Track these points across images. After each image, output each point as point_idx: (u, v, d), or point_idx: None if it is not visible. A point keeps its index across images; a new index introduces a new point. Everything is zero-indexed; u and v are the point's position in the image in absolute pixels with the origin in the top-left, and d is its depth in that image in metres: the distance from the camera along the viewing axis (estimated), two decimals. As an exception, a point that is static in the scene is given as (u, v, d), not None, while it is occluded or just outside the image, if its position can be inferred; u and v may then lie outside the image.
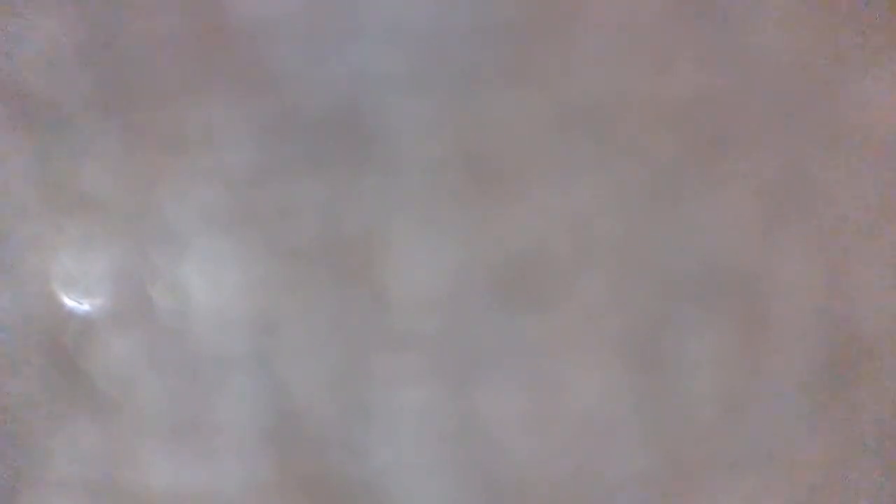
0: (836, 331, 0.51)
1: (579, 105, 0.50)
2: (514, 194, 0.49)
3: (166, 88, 0.49)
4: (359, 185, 0.49)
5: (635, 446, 0.50)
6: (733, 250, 0.50)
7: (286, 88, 0.49)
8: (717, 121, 0.50)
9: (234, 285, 0.49)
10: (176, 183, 0.49)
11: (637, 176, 0.50)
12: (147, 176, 0.49)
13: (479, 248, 0.50)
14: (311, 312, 0.49)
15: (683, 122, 0.50)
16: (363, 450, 0.49)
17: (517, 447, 0.50)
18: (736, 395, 0.50)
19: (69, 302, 0.49)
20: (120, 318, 0.49)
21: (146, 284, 0.49)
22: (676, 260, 0.50)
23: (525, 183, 0.49)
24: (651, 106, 0.50)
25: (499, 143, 0.49)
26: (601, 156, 0.50)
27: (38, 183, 0.49)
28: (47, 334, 0.49)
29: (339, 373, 0.49)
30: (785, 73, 0.50)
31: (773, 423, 0.50)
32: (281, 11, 0.49)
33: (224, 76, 0.49)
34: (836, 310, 0.51)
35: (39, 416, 0.49)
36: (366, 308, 0.49)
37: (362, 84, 0.49)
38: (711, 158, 0.50)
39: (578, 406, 0.50)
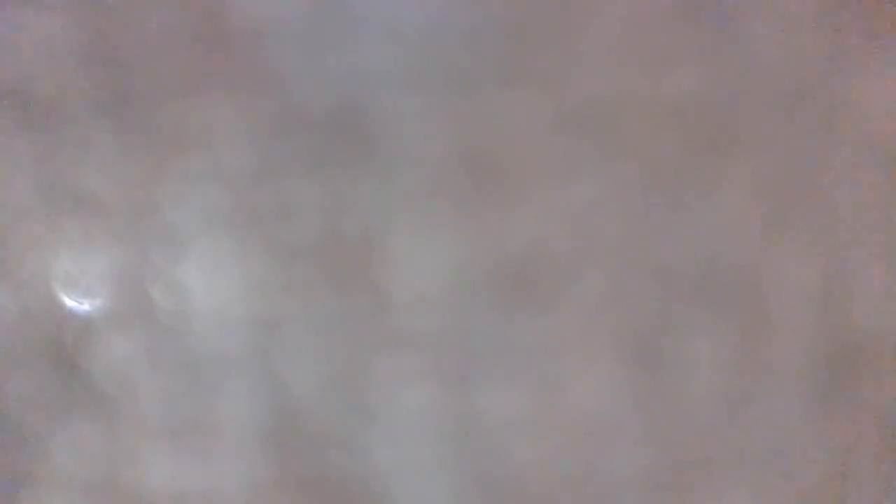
0: (836, 330, 0.51)
1: (579, 105, 0.50)
2: (514, 194, 0.50)
3: (166, 88, 0.49)
4: (358, 185, 0.49)
5: (636, 445, 0.50)
6: (733, 250, 0.50)
7: (286, 88, 0.49)
8: (717, 121, 0.50)
9: (234, 285, 0.49)
10: (176, 183, 0.49)
11: (637, 176, 0.50)
12: (147, 176, 0.49)
13: (478, 247, 0.50)
14: (311, 312, 0.49)
15: (683, 122, 0.50)
16: (363, 450, 0.49)
17: (517, 447, 0.50)
18: (736, 394, 0.50)
19: (69, 302, 0.49)
20: (120, 318, 0.49)
21: (146, 284, 0.49)
22: (676, 260, 0.50)
23: (525, 183, 0.50)
24: (651, 106, 0.50)
25: (498, 143, 0.49)
26: (601, 156, 0.50)
27: (38, 183, 0.49)
28: (47, 334, 0.49)
29: (339, 373, 0.49)
30: (785, 72, 0.50)
31: (773, 422, 0.50)
32: (281, 11, 0.49)
33: (224, 76, 0.49)
34: (836, 310, 0.51)
35: (39, 416, 0.49)
36: (366, 308, 0.49)
37: (362, 84, 0.49)
38: (711, 158, 0.50)
39: (578, 406, 0.50)
